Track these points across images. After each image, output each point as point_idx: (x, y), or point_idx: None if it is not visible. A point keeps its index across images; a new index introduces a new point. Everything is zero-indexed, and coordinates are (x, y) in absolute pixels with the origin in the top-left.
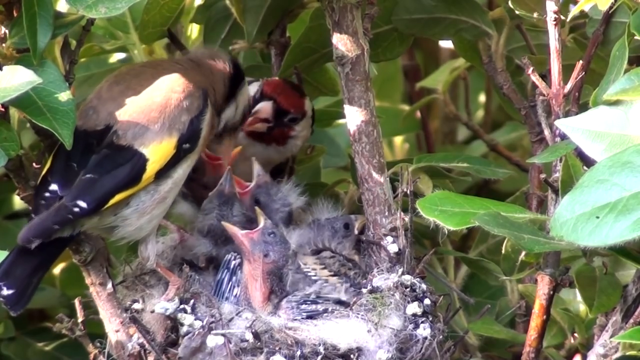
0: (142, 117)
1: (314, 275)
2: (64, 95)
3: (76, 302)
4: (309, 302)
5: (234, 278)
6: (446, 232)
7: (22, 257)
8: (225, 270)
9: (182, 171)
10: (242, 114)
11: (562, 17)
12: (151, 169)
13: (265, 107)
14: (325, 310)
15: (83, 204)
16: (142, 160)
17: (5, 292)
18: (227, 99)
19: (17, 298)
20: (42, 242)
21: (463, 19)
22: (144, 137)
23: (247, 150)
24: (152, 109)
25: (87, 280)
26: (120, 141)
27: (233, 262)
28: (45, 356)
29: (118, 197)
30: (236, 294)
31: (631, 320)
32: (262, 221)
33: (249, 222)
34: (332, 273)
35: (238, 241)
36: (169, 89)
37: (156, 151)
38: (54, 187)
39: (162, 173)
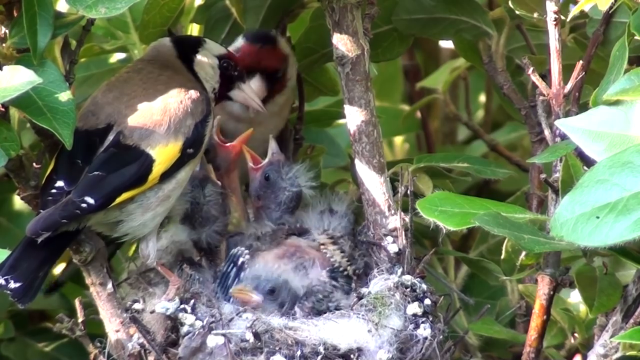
0: (146, 120)
1: (333, 258)
2: (64, 95)
3: (76, 302)
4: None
5: (241, 274)
6: (444, 231)
7: (29, 251)
8: (232, 265)
9: (185, 173)
10: (218, 80)
11: (562, 17)
12: (157, 170)
13: (258, 88)
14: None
15: (91, 200)
16: (149, 161)
17: (13, 285)
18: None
19: (24, 291)
20: (49, 237)
21: (463, 19)
22: (150, 139)
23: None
24: (153, 113)
25: (87, 280)
26: (127, 141)
27: (241, 259)
28: (45, 356)
29: (125, 196)
30: None
31: (631, 321)
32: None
33: (223, 203)
34: (344, 254)
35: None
36: (166, 95)
37: (162, 153)
38: (60, 183)
39: (167, 175)
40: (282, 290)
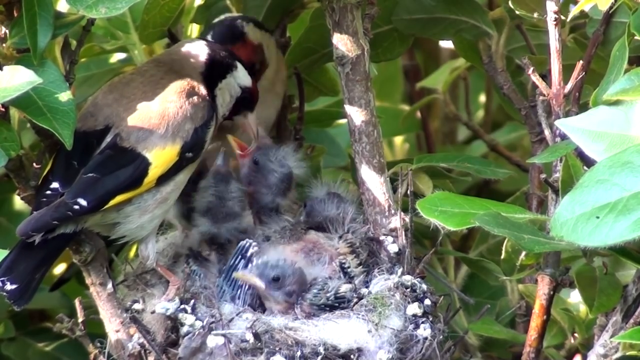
0: (143, 122)
1: (345, 263)
2: (64, 96)
3: (76, 302)
4: (327, 307)
5: (249, 266)
6: (444, 231)
7: (25, 252)
8: (240, 257)
9: (183, 176)
10: (230, 108)
11: (562, 17)
12: (153, 173)
13: None
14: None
15: (83, 202)
16: (145, 164)
17: (9, 287)
18: (210, 95)
19: (20, 293)
20: (45, 238)
21: (463, 19)
22: (147, 142)
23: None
24: (151, 116)
25: (87, 280)
26: (123, 143)
27: (250, 251)
28: (45, 356)
29: (119, 199)
30: (250, 287)
31: (631, 320)
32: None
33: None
34: (360, 260)
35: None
36: (165, 98)
37: (159, 156)
38: (55, 185)
39: (165, 178)
40: (288, 278)
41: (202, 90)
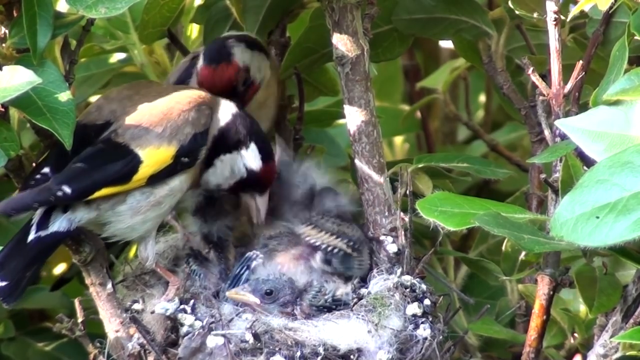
0: (143, 120)
1: (317, 242)
2: (64, 96)
3: (76, 302)
4: (326, 309)
5: (252, 277)
6: (442, 231)
7: (17, 250)
8: (245, 268)
9: (179, 182)
10: (230, 184)
11: (562, 17)
12: (143, 172)
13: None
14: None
15: (67, 190)
16: (136, 161)
17: None
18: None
19: (10, 290)
20: (39, 236)
21: (463, 19)
22: (141, 139)
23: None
24: (152, 114)
25: (87, 280)
26: (117, 138)
27: (254, 262)
28: (45, 356)
29: (105, 192)
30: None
31: (631, 321)
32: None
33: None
34: (330, 233)
35: None
36: (173, 99)
37: (152, 155)
38: (45, 170)
39: (156, 180)
40: (281, 290)
41: (212, 105)
